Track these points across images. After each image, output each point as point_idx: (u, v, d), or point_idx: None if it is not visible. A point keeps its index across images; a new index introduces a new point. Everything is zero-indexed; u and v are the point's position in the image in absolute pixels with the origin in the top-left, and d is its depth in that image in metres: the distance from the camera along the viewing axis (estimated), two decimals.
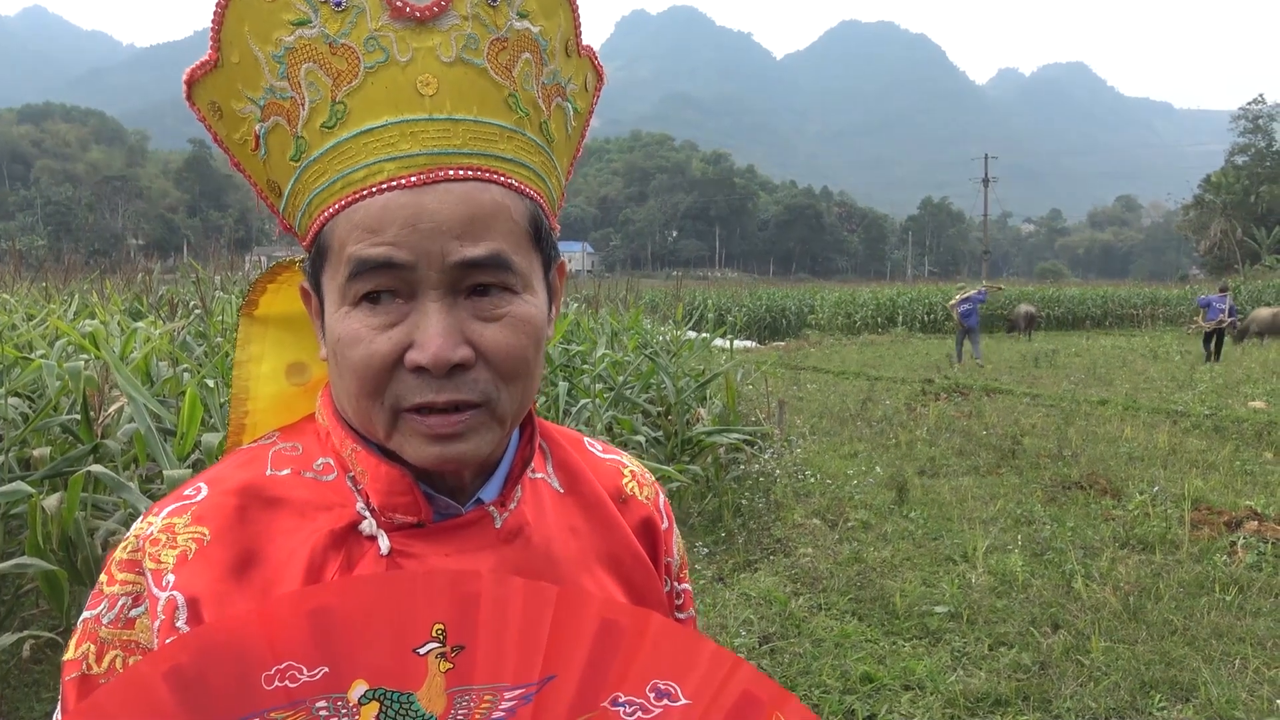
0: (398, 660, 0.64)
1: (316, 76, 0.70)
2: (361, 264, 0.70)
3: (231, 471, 0.78)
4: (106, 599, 0.73)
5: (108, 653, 0.72)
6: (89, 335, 5.07)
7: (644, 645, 0.69)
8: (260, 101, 0.72)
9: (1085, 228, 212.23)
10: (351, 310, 0.71)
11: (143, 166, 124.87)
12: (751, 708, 0.68)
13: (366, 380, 0.71)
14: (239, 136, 0.76)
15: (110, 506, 4.14)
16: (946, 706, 4.10)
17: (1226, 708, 4.01)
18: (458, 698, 0.65)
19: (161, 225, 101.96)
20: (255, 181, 0.79)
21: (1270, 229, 56.90)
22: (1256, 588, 5.44)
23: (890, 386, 15.41)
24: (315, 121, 0.71)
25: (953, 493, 7.84)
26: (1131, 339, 28.31)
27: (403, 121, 0.70)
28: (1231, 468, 8.68)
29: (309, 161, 0.72)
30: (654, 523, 0.91)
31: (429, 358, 0.69)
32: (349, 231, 0.71)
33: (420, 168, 0.70)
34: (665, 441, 7.17)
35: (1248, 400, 13.15)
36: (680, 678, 0.68)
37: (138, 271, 10.96)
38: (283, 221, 0.79)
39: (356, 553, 0.74)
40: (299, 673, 0.63)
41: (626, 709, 0.67)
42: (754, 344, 26.24)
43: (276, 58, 0.70)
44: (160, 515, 0.75)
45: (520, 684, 0.66)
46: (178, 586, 0.71)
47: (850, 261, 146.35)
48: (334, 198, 0.72)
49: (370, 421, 0.74)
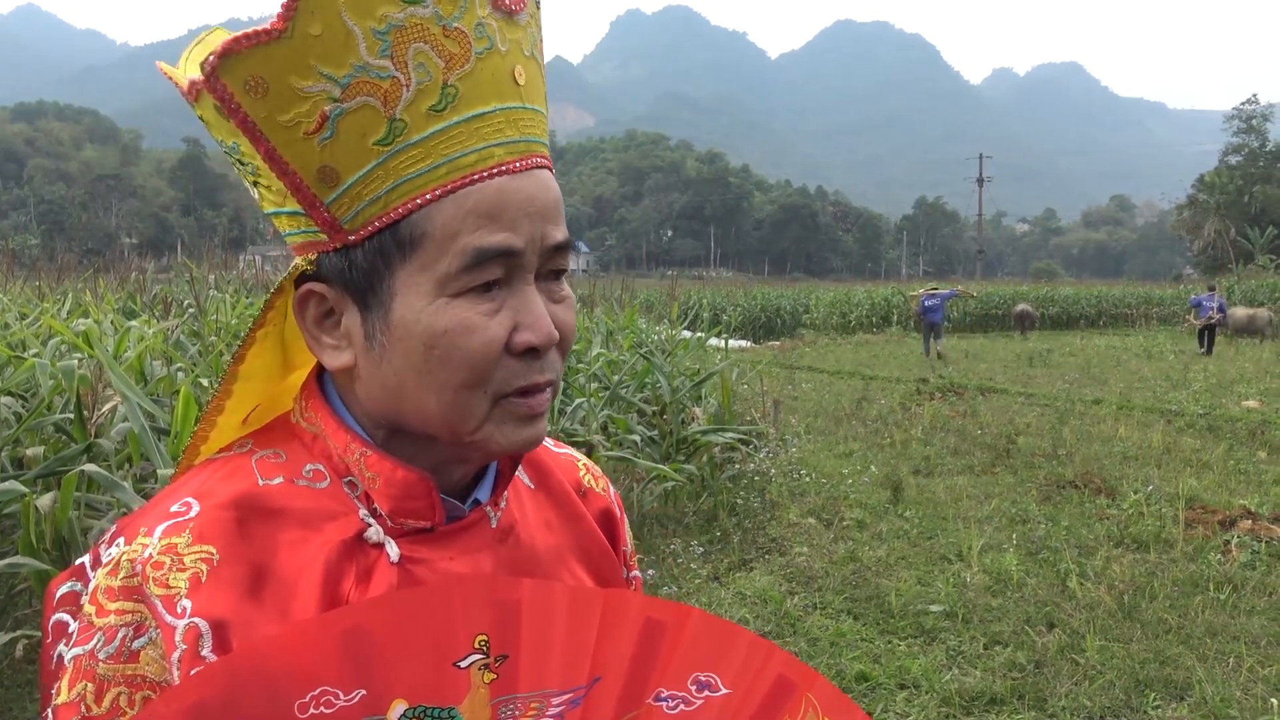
0: (437, 675, 0.63)
1: (427, 57, 0.68)
2: (482, 253, 0.69)
3: (219, 484, 0.73)
4: (101, 632, 0.67)
5: (109, 690, 0.66)
6: (82, 334, 5.06)
7: (684, 639, 0.69)
8: (343, 80, 0.67)
9: (1079, 227, 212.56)
10: (454, 300, 0.70)
11: (136, 165, 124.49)
12: (785, 691, 0.70)
13: (479, 368, 0.70)
14: (289, 118, 0.68)
15: (103, 506, 4.13)
16: (942, 705, 4.10)
17: (1221, 706, 4.02)
18: (502, 708, 0.64)
19: (155, 224, 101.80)
20: (295, 170, 0.70)
21: (1264, 229, 57.03)
22: (1250, 586, 5.45)
23: (885, 386, 15.42)
24: (422, 104, 0.68)
25: (948, 492, 7.85)
26: (1126, 339, 28.36)
27: (507, 108, 0.71)
28: (1225, 467, 8.70)
29: (406, 145, 0.68)
30: (612, 513, 0.93)
31: (543, 338, 0.71)
32: (462, 219, 0.69)
33: (520, 154, 0.72)
34: (660, 441, 7.17)
35: (1241, 399, 13.20)
36: (719, 668, 0.69)
37: (131, 271, 10.94)
38: (319, 215, 0.71)
39: (364, 562, 0.72)
40: (335, 698, 0.60)
41: (669, 703, 0.68)
42: (749, 343, 26.25)
43: (379, 34, 0.66)
44: (155, 535, 0.69)
45: (568, 688, 0.65)
46: (197, 612, 0.67)
47: (845, 261, 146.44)
48: (434, 183, 0.69)
49: (461, 415, 0.71)
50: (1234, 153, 71.53)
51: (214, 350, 4.82)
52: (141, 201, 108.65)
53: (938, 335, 20.89)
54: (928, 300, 21.11)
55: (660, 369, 7.30)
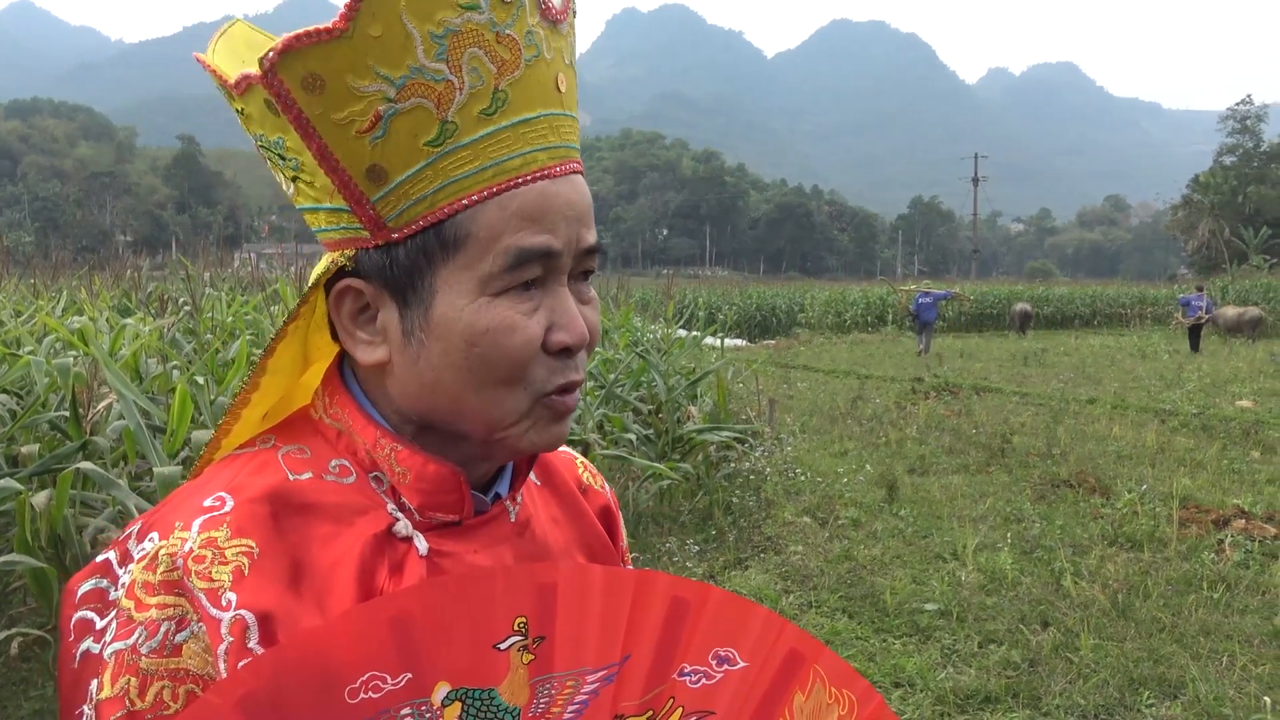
0: (478, 658, 0.65)
1: (480, 62, 0.70)
2: (524, 254, 0.71)
3: (249, 478, 0.74)
4: (143, 626, 0.67)
5: (152, 685, 0.66)
6: (77, 332, 5.05)
7: (705, 616, 0.73)
8: (399, 81, 0.68)
9: (1074, 227, 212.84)
10: (495, 299, 0.72)
11: (131, 163, 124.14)
12: (795, 662, 0.74)
13: (519, 366, 0.73)
14: (343, 116, 0.69)
15: (99, 504, 4.13)
16: (936, 703, 4.12)
17: (1214, 704, 4.04)
18: (540, 687, 0.66)
19: (150, 222, 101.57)
20: (345, 166, 0.71)
21: (1258, 229, 57.13)
22: (1243, 585, 5.47)
23: (880, 385, 15.44)
24: (474, 108, 0.70)
25: (942, 491, 7.86)
26: (1120, 338, 28.42)
27: (551, 115, 0.74)
28: (1219, 466, 8.73)
29: (456, 146, 0.70)
30: (611, 510, 0.96)
31: (576, 338, 0.74)
32: (505, 220, 0.71)
33: (560, 159, 0.74)
34: (656, 439, 7.17)
35: (1235, 399, 13.23)
36: (737, 643, 0.73)
37: (126, 268, 10.92)
38: (364, 212, 0.72)
39: (394, 555, 0.74)
40: (383, 682, 0.62)
41: (692, 678, 0.71)
42: (744, 342, 26.26)
43: (436, 38, 0.68)
44: (193, 530, 0.70)
45: (602, 666, 0.68)
46: (243, 605, 0.68)
47: (840, 260, 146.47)
48: (480, 185, 0.71)
49: (499, 412, 0.74)
50: (1228, 153, 71.64)
51: (210, 348, 4.81)
52: (136, 199, 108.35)
53: (926, 335, 21.77)
54: (922, 299, 21.96)
55: (656, 368, 7.30)
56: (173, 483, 3.33)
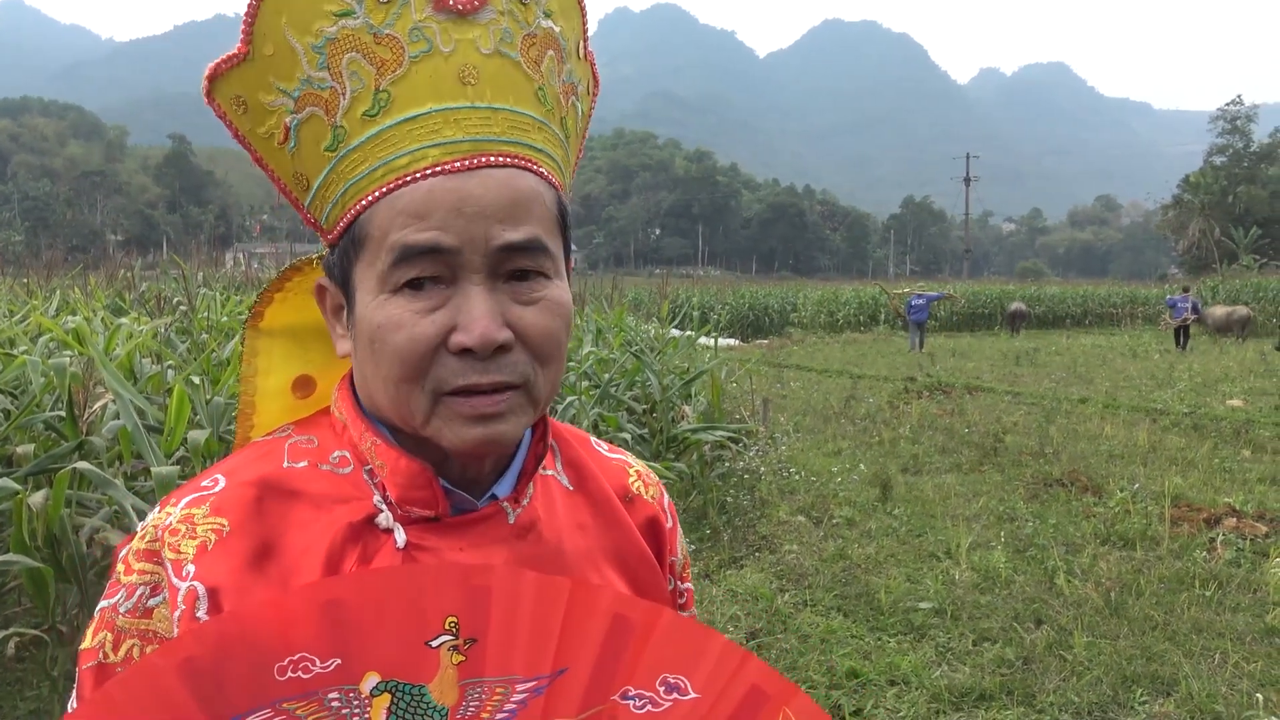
0: (409, 652, 0.65)
1: (359, 66, 0.71)
2: (407, 250, 0.70)
3: (248, 463, 0.79)
4: (124, 588, 0.74)
5: (124, 642, 0.73)
6: (72, 331, 5.04)
7: (654, 639, 0.69)
8: (294, 93, 0.73)
9: (1065, 227, 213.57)
10: (390, 297, 0.72)
11: (122, 162, 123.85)
12: (759, 702, 0.69)
13: (409, 364, 0.72)
14: (265, 130, 0.75)
15: (94, 504, 4.12)
16: (931, 701, 4.13)
17: (1207, 701, 4.06)
18: (470, 689, 0.65)
19: (141, 221, 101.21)
20: (279, 176, 0.78)
21: (1248, 229, 57.35)
22: (1235, 583, 5.50)
23: (873, 384, 15.48)
24: (357, 110, 0.71)
25: (936, 490, 7.89)
26: (1111, 338, 28.54)
27: (446, 109, 0.72)
28: (1210, 465, 8.77)
29: (347, 150, 0.72)
30: (659, 522, 0.92)
31: (475, 339, 0.70)
32: (392, 218, 0.71)
33: (464, 154, 0.71)
34: (650, 439, 7.18)
35: (1226, 398, 13.30)
36: (690, 672, 0.69)
37: (119, 268, 10.89)
38: (306, 217, 0.78)
39: (373, 545, 0.75)
40: (312, 664, 0.63)
41: (636, 702, 0.68)
42: (737, 342, 26.30)
43: (316, 48, 0.71)
44: (179, 506, 0.75)
45: (533, 676, 0.67)
46: (198, 577, 0.72)
47: (833, 260, 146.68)
48: (374, 185, 0.72)
49: (408, 408, 0.74)
50: (1218, 153, 71.96)
51: (206, 349, 4.81)
52: (127, 198, 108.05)
53: (919, 335, 22.72)
54: (915, 300, 22.89)
55: (650, 367, 7.31)
56: (170, 482, 3.33)
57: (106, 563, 3.96)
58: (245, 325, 0.89)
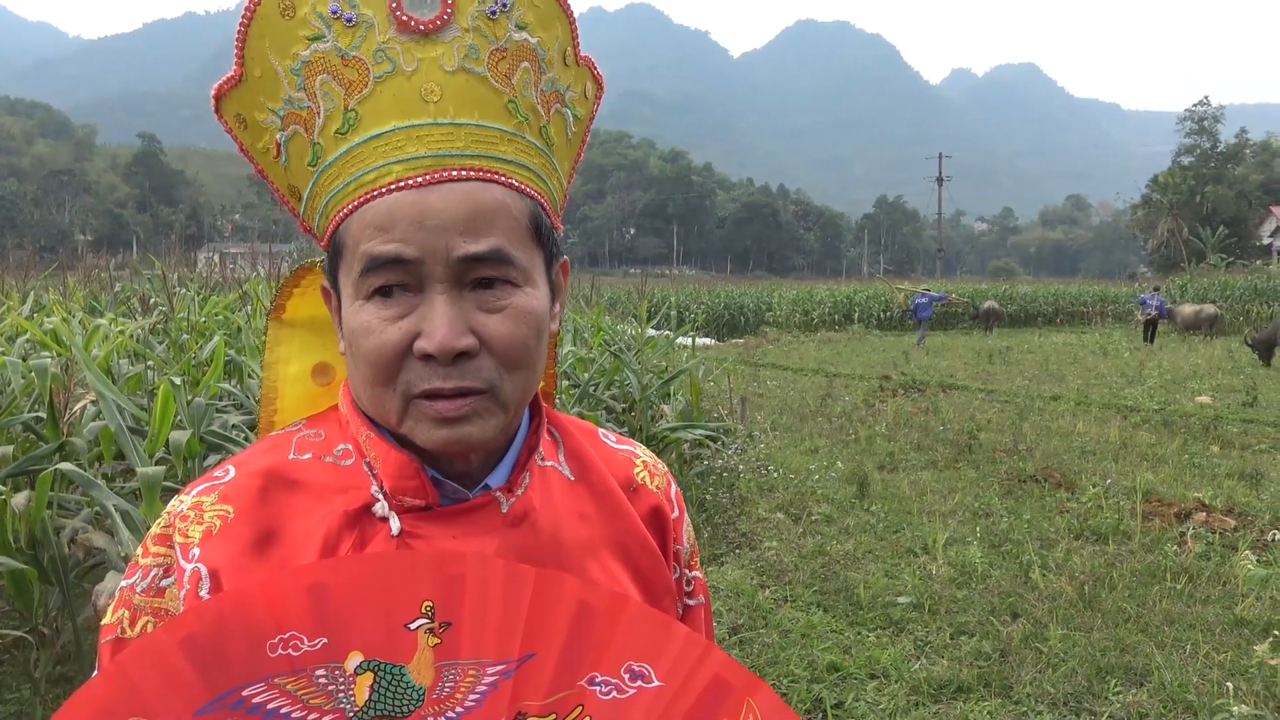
0: (390, 634, 0.69)
1: (330, 87, 0.76)
2: (373, 260, 0.75)
3: (257, 455, 0.83)
4: (141, 569, 0.79)
5: (140, 619, 0.78)
6: (50, 332, 5.01)
7: (619, 627, 0.72)
8: (280, 112, 0.78)
9: (1037, 226, 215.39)
10: (364, 303, 0.76)
11: (90, 161, 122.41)
12: (723, 692, 0.71)
13: (379, 368, 0.76)
14: (262, 145, 0.81)
15: (74, 505, 4.10)
16: (911, 694, 4.19)
17: (1179, 691, 4.14)
18: (445, 671, 0.69)
19: (110, 221, 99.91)
20: (278, 186, 0.84)
21: (1215, 228, 58.18)
22: (1205, 576, 5.61)
23: (849, 383, 15.58)
24: (330, 128, 0.77)
25: (912, 487, 7.97)
26: (1082, 336, 28.85)
27: (409, 126, 0.75)
28: (1180, 461, 8.92)
29: (325, 166, 0.78)
30: (664, 511, 0.94)
31: (435, 345, 0.74)
32: (361, 230, 0.76)
33: (425, 169, 0.75)
34: (630, 438, 7.20)
35: (1195, 395, 13.50)
36: (653, 660, 0.72)
37: (92, 268, 10.79)
38: (303, 224, 0.84)
39: (369, 533, 0.79)
40: (300, 642, 0.68)
41: (602, 688, 0.70)
42: (713, 341, 26.38)
43: (294, 70, 0.76)
44: (191, 494, 0.81)
45: (501, 660, 0.70)
46: (202, 559, 0.77)
47: (807, 259, 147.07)
48: (348, 199, 0.77)
49: (384, 408, 0.78)
50: (1186, 153, 72.82)
51: (187, 349, 4.79)
52: (95, 197, 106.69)
53: (922, 331, 24.81)
54: (919, 299, 25.39)
55: (629, 367, 7.34)
56: (156, 483, 3.33)
57: (88, 564, 3.95)
58: (268, 317, 0.95)
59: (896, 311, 32.15)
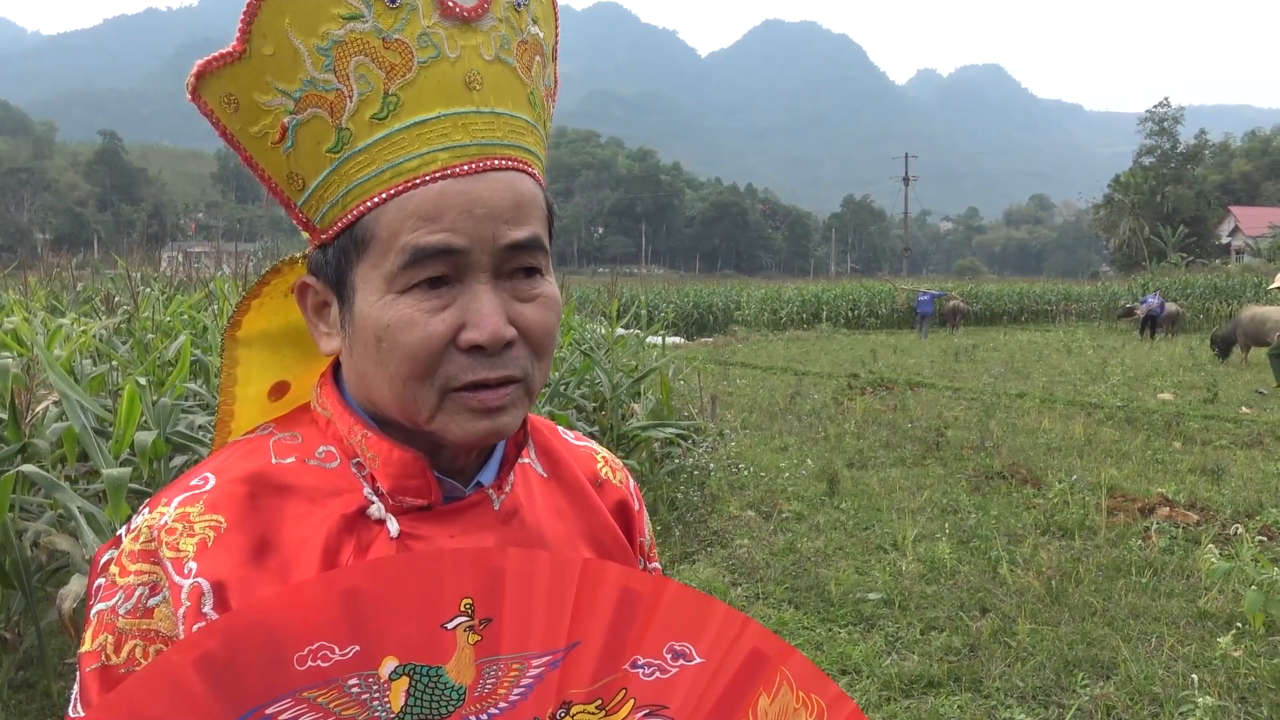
0: (426, 635, 0.67)
1: (368, 69, 0.72)
2: (420, 251, 0.72)
3: (236, 461, 0.80)
4: (121, 590, 0.74)
5: (126, 643, 0.73)
6: (11, 332, 4.92)
7: (660, 609, 0.73)
8: (296, 94, 0.73)
9: (1001, 226, 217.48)
10: (400, 296, 0.73)
11: (50, 159, 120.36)
12: (760, 663, 0.73)
13: (419, 362, 0.73)
14: (257, 130, 0.75)
15: (37, 508, 4.03)
16: (883, 689, 4.22)
17: (1145, 683, 4.20)
18: (486, 668, 0.68)
19: (70, 219, 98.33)
20: (270, 175, 0.78)
21: (1175, 228, 59.07)
22: (1169, 570, 5.69)
23: (817, 381, 15.66)
24: (365, 113, 0.73)
25: (881, 484, 8.03)
26: (1046, 334, 29.20)
27: (454, 114, 0.74)
28: (1144, 457, 9.05)
29: (353, 152, 0.73)
30: (628, 504, 0.97)
31: (487, 336, 0.73)
32: (402, 220, 0.73)
33: (471, 157, 0.74)
34: (601, 436, 7.19)
35: (1157, 392, 13.70)
36: (694, 638, 0.73)
37: (53, 267, 10.61)
38: (297, 216, 0.79)
39: (367, 536, 0.77)
40: (331, 652, 0.65)
41: (645, 670, 0.71)
42: (682, 340, 26.41)
43: (322, 50, 0.72)
44: (172, 505, 0.76)
45: (547, 651, 0.69)
46: (201, 573, 0.73)
47: (775, 258, 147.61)
48: (381, 187, 0.73)
49: (414, 404, 0.75)
50: (1147, 154, 73.76)
51: (152, 349, 4.72)
52: (55, 196, 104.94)
53: (925, 325, 28.48)
54: (921, 296, 29.43)
55: (600, 365, 7.33)
56: (122, 485, 3.28)
57: (51, 567, 3.88)
58: (224, 335, 0.89)
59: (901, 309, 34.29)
